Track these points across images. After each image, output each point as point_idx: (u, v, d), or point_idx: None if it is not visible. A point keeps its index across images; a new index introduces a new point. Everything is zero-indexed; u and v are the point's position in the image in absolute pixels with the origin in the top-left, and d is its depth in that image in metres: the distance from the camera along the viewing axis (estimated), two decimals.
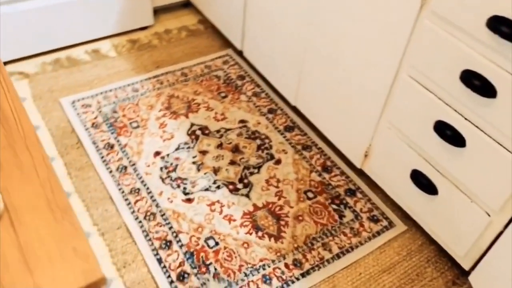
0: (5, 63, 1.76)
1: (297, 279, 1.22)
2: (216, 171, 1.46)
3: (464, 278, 1.24)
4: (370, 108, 1.27)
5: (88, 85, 1.72)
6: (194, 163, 1.48)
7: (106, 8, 1.83)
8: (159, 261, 1.23)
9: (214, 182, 1.43)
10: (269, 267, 1.24)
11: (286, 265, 1.25)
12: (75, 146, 1.51)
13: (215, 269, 1.22)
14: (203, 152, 1.52)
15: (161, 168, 1.46)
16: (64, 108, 1.62)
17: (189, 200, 1.38)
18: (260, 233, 1.31)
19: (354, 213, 1.39)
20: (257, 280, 1.21)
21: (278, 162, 1.51)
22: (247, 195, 1.40)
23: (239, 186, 1.43)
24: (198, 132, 1.58)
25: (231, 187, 1.42)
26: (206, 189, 1.41)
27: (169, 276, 1.20)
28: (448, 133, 1.05)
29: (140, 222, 1.31)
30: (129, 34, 1.97)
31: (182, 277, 1.20)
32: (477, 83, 0.94)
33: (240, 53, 1.91)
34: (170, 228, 1.30)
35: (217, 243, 1.28)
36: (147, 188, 1.40)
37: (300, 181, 1.46)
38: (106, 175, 1.42)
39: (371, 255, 1.29)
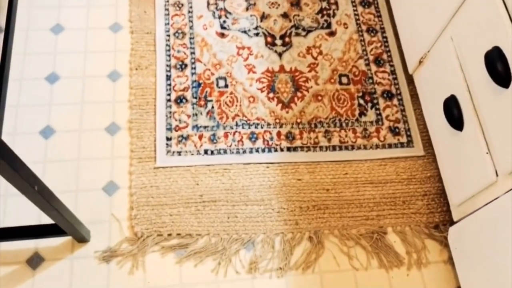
0: None
1: (281, 150, 1.19)
2: (263, 17, 1.37)
3: (449, 227, 1.12)
4: (444, 10, 1.04)
5: None
6: (246, 0, 1.39)
7: None
8: (168, 77, 1.26)
9: (256, 28, 1.35)
10: (261, 127, 1.21)
11: (278, 134, 1.21)
12: None
13: (212, 107, 1.23)
14: None
15: None
16: None
17: (222, 35, 1.33)
18: (271, 95, 1.26)
19: (378, 116, 1.26)
20: (244, 133, 1.20)
21: (332, 34, 1.36)
22: (280, 54, 1.32)
23: (278, 42, 1.33)
24: None
25: (269, 39, 1.34)
26: (244, 31, 1.34)
27: (169, 94, 1.23)
28: (498, 66, 0.84)
29: (168, 36, 1.31)
30: None
31: (180, 100, 1.23)
32: None
33: None
34: (192, 53, 1.30)
35: (226, 86, 1.26)
36: (190, 7, 1.36)
37: (343, 63, 1.32)
38: None
39: (367, 163, 1.20)
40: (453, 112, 1.01)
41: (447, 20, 1.04)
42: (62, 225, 0.92)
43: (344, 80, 1.30)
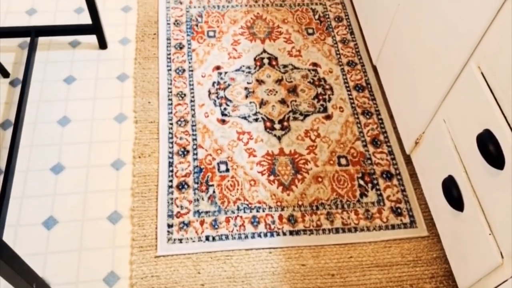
0: None
1: (284, 234, 1.18)
2: (262, 103, 1.42)
3: None
4: (434, 94, 1.09)
5: None
6: (246, 88, 1.46)
7: None
8: (170, 164, 1.28)
9: (255, 114, 1.40)
10: (263, 211, 1.22)
11: (280, 217, 1.21)
12: (151, 36, 1.58)
13: (214, 191, 1.24)
14: (260, 82, 1.48)
15: (213, 83, 1.46)
16: None
17: (223, 122, 1.38)
18: (272, 177, 1.27)
19: (379, 197, 1.26)
20: (245, 217, 1.20)
21: (329, 117, 1.41)
22: (279, 138, 1.35)
23: (276, 126, 1.38)
24: (266, 61, 1.53)
25: (268, 124, 1.38)
26: (244, 117, 1.39)
27: (171, 181, 1.25)
28: (490, 148, 0.86)
29: (171, 124, 1.36)
30: None
31: (182, 186, 1.25)
32: None
33: None
34: (194, 139, 1.33)
35: (227, 170, 1.28)
36: (192, 97, 1.43)
37: (340, 145, 1.35)
38: (164, 72, 1.48)
39: (372, 245, 1.18)
40: (452, 193, 1.01)
41: (438, 103, 1.08)
42: None
43: (343, 161, 1.32)
